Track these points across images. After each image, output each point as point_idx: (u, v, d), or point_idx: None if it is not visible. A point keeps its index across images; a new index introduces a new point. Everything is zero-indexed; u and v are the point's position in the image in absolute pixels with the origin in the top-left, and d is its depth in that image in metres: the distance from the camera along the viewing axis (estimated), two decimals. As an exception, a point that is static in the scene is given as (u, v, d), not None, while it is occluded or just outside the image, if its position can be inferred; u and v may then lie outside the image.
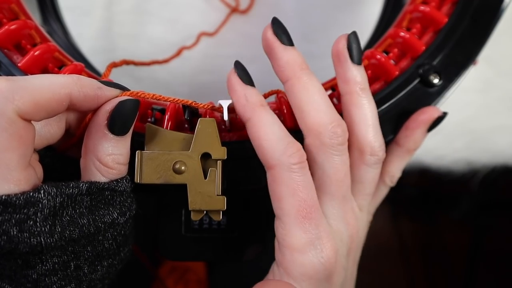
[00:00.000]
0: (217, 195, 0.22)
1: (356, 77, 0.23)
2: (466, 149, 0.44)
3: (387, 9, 0.40)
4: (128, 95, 0.22)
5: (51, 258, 0.19)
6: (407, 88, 0.26)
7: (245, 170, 0.25)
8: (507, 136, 0.44)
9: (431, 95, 0.26)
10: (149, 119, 0.27)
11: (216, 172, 0.22)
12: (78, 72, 0.25)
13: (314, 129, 0.22)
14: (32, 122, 0.19)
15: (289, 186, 0.21)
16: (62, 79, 0.20)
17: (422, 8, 0.27)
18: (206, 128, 0.22)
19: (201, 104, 0.24)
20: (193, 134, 0.22)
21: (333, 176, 0.22)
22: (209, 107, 0.24)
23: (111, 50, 0.41)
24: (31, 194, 0.18)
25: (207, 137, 0.22)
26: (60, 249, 0.19)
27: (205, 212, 0.22)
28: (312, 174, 0.22)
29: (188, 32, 0.41)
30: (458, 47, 0.26)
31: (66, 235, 0.19)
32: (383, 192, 0.28)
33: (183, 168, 0.22)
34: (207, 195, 0.22)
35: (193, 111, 0.26)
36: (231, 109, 0.23)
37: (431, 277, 0.93)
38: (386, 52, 0.28)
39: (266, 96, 0.26)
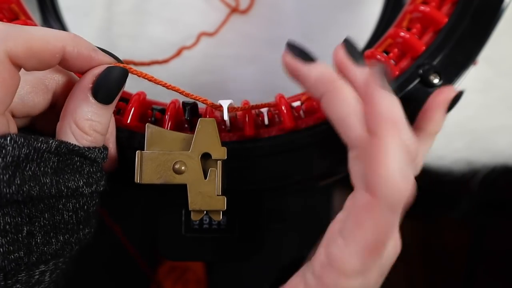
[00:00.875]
0: (217, 195, 0.22)
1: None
2: (466, 149, 0.44)
3: (387, 9, 0.40)
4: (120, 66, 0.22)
5: (3, 217, 0.17)
6: (407, 88, 0.26)
7: (245, 170, 0.25)
8: (507, 136, 0.44)
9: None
10: (149, 119, 0.27)
11: (216, 172, 0.22)
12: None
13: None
14: (19, 88, 0.19)
15: (376, 219, 0.19)
16: (58, 32, 0.20)
17: (422, 8, 0.27)
18: (206, 128, 0.22)
19: (201, 98, 0.24)
20: (193, 134, 0.22)
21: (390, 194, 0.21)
22: (209, 103, 0.24)
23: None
24: None
25: (207, 137, 0.22)
26: (15, 207, 0.18)
27: (205, 212, 0.22)
28: None
29: (188, 32, 0.41)
30: (458, 47, 0.26)
31: (25, 189, 0.18)
32: None
33: (183, 168, 0.22)
34: (207, 195, 0.22)
35: (193, 111, 0.26)
36: (231, 109, 0.23)
37: (431, 277, 0.92)
38: (386, 52, 0.28)
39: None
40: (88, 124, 0.20)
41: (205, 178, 0.22)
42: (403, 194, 0.19)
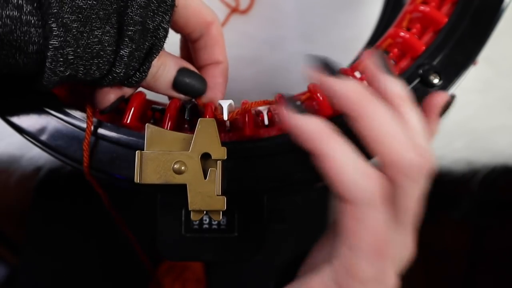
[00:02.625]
0: (217, 195, 0.22)
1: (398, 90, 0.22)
2: (466, 149, 0.44)
3: (387, 9, 0.40)
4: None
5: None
6: (407, 88, 0.26)
7: (245, 170, 0.25)
8: (507, 136, 0.44)
9: (431, 95, 0.26)
10: (149, 119, 0.27)
11: (216, 172, 0.22)
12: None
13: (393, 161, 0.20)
14: None
15: (367, 224, 0.20)
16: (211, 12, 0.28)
17: (422, 8, 0.27)
18: (206, 128, 0.22)
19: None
20: (193, 134, 0.22)
21: (412, 210, 0.21)
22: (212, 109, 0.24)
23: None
24: None
25: (207, 137, 0.22)
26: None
27: (205, 212, 0.22)
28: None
29: (188, 32, 0.41)
30: (458, 47, 0.26)
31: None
32: None
33: (183, 168, 0.22)
34: (207, 195, 0.22)
35: (193, 111, 0.26)
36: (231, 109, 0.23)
37: (431, 277, 0.93)
38: (386, 52, 0.28)
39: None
40: (162, 70, 0.25)
41: (205, 178, 0.22)
42: (368, 190, 0.19)
